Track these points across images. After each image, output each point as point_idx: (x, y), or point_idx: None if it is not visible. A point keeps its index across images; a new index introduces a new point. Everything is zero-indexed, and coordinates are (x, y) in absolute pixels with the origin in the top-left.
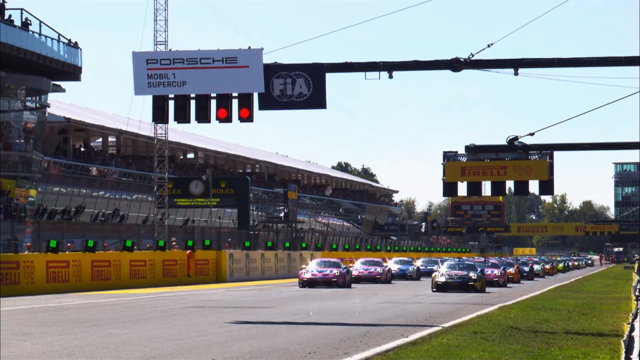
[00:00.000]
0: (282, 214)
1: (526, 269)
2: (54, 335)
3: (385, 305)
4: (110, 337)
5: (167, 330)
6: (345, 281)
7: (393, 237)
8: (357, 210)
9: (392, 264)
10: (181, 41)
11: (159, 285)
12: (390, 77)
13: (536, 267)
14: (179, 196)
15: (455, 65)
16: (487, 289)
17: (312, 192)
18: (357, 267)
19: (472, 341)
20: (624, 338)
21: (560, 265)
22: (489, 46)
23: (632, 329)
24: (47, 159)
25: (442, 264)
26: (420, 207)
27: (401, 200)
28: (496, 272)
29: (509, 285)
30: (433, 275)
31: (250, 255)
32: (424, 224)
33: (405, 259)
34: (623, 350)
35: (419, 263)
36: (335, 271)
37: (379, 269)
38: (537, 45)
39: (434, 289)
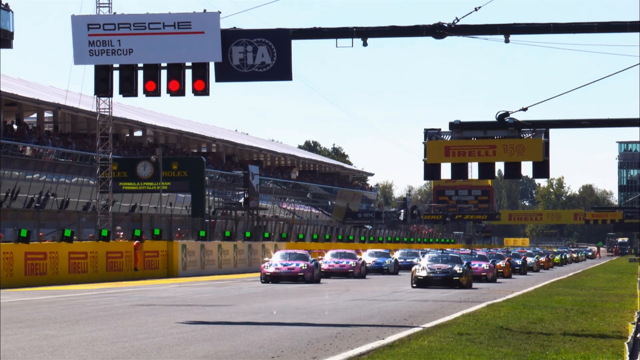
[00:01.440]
0: (241, 200)
1: (518, 262)
2: None
3: (358, 302)
4: (46, 339)
5: (111, 331)
6: (313, 276)
7: (368, 226)
8: (327, 196)
9: (367, 257)
10: (127, 3)
11: (102, 281)
12: (365, 44)
13: (529, 259)
14: (125, 179)
15: (438, 31)
16: (474, 285)
17: (276, 174)
18: (327, 259)
19: (456, 343)
20: (629, 340)
21: (557, 257)
22: (476, 9)
23: (637, 329)
24: None
25: (423, 256)
26: (398, 192)
27: (377, 184)
28: (484, 265)
29: (498, 280)
30: (413, 269)
31: (206, 246)
32: (402, 211)
33: (381, 250)
34: (627, 353)
35: (396, 255)
36: (302, 264)
37: (351, 262)
38: (530, 9)
39: (414, 285)
